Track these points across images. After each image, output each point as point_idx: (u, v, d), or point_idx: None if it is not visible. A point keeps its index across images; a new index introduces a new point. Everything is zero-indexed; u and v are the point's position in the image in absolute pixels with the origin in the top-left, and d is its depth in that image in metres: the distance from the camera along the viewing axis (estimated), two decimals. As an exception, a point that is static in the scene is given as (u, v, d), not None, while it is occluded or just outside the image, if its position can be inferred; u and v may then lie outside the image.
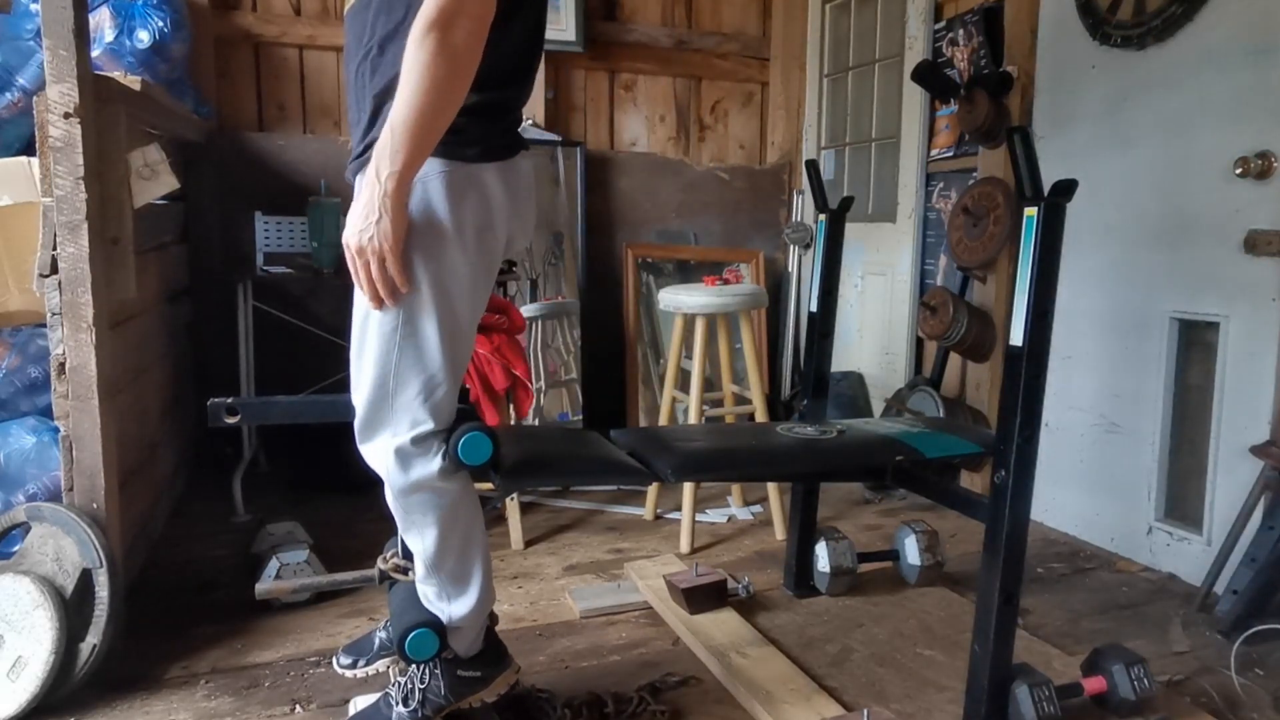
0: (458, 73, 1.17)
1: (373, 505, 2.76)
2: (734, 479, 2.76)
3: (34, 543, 1.73)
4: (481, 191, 1.30)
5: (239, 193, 3.19)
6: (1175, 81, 2.31)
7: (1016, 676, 1.55)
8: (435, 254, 1.27)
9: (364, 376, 1.31)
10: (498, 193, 1.32)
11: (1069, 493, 2.67)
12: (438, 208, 1.26)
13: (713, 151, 3.92)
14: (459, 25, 1.14)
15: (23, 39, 2.23)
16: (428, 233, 1.26)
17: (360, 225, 1.20)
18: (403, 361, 1.29)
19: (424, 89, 1.15)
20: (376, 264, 1.21)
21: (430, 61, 1.14)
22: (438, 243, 1.27)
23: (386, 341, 1.28)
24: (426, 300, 1.28)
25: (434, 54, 1.14)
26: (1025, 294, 1.47)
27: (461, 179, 1.27)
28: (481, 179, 1.30)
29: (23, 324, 2.00)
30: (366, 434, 1.33)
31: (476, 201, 1.29)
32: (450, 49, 1.14)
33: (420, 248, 1.26)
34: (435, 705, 1.43)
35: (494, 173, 1.31)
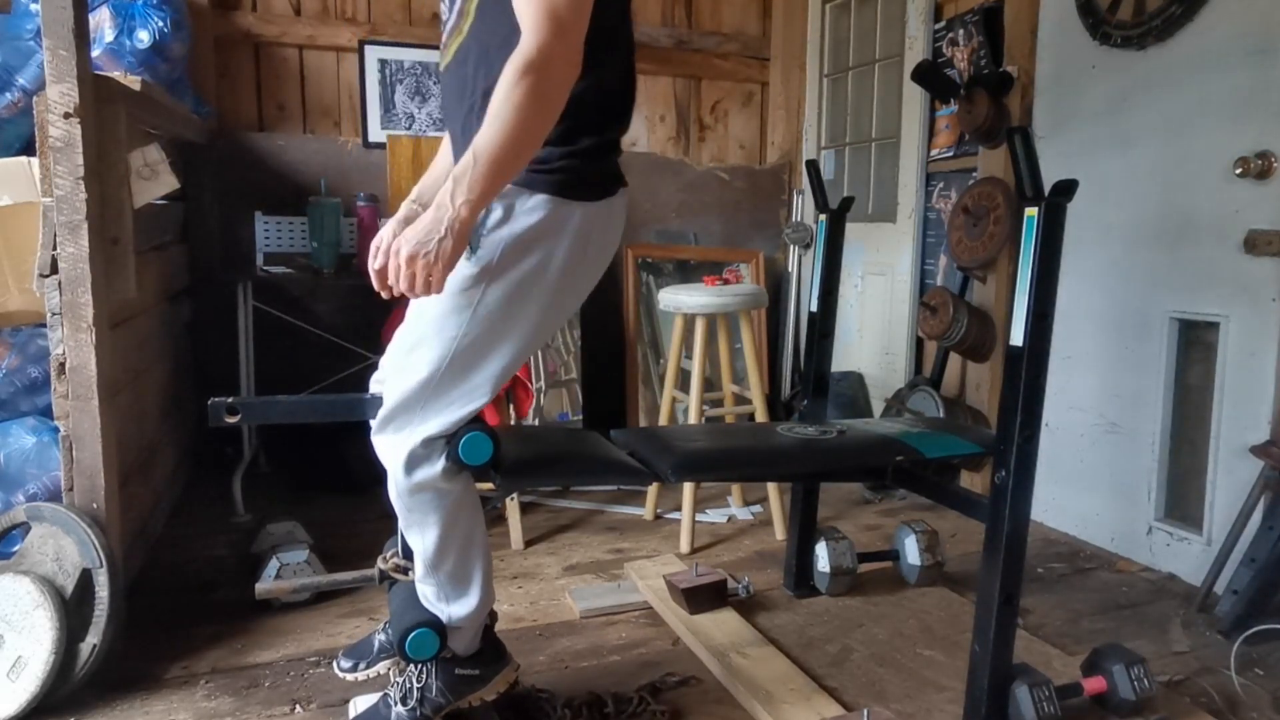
0: (545, 116, 1.21)
1: (373, 505, 2.77)
2: (734, 479, 2.76)
3: (34, 543, 1.73)
4: (583, 230, 1.35)
5: (239, 193, 3.19)
6: (1175, 81, 2.31)
7: (1016, 676, 1.55)
8: (522, 284, 1.32)
9: (410, 372, 1.32)
10: (595, 234, 1.38)
11: (1069, 493, 2.67)
12: (536, 242, 1.31)
13: (713, 151, 3.92)
14: (553, 71, 1.19)
15: (23, 39, 2.23)
16: (519, 261, 1.31)
17: (421, 238, 1.21)
18: (451, 371, 1.31)
19: (513, 128, 1.18)
20: (422, 277, 1.21)
21: (523, 103, 1.18)
22: (527, 274, 1.32)
23: (442, 347, 1.31)
24: (498, 324, 1.32)
25: (527, 95, 1.18)
26: (1025, 294, 1.47)
27: (564, 218, 1.33)
28: (584, 219, 1.35)
29: (23, 324, 2.00)
30: (387, 426, 1.33)
31: (575, 240, 1.34)
32: (542, 93, 1.19)
33: (508, 273, 1.30)
34: (434, 704, 1.43)
35: (595, 211, 1.37)
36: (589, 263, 1.40)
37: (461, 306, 1.30)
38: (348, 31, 3.36)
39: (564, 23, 1.19)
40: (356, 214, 3.05)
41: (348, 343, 3.15)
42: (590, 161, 1.35)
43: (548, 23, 1.18)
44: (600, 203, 1.37)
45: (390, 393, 1.34)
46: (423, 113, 3.44)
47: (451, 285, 1.30)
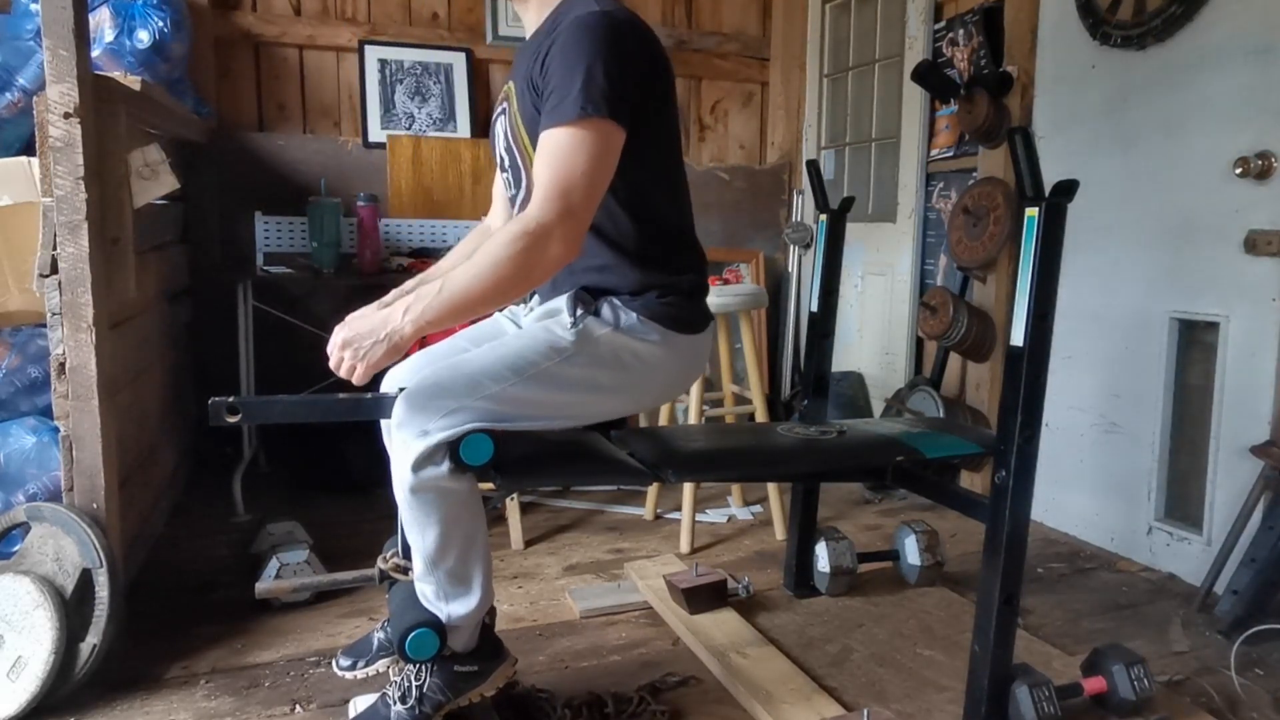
0: (522, 284, 1.28)
1: (373, 505, 2.77)
2: (734, 479, 2.76)
3: (34, 543, 1.73)
4: (674, 359, 1.48)
5: (239, 193, 3.19)
6: (1175, 81, 2.31)
7: (1016, 676, 1.55)
8: (598, 376, 1.41)
9: (456, 375, 1.33)
10: (684, 362, 1.51)
11: (1069, 493, 2.67)
12: (633, 353, 1.43)
13: (713, 151, 3.92)
14: (548, 247, 1.25)
15: (23, 39, 2.23)
16: (609, 357, 1.41)
17: (360, 332, 1.29)
18: (493, 400, 1.33)
19: (488, 282, 1.25)
20: (347, 365, 1.30)
21: (506, 265, 1.24)
22: (608, 371, 1.42)
23: (502, 378, 1.34)
24: (561, 399, 1.39)
25: (513, 260, 1.24)
26: (1026, 294, 1.47)
27: (664, 344, 1.45)
28: (680, 348, 1.47)
29: (23, 324, 2.00)
30: (406, 419, 1.31)
31: (665, 366, 1.47)
32: (529, 263, 1.25)
33: (594, 365, 1.40)
34: (434, 703, 1.43)
35: (689, 343, 1.49)
36: (662, 388, 1.53)
37: (541, 359, 1.36)
38: (348, 31, 3.37)
39: (573, 205, 1.25)
40: (356, 214, 3.05)
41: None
42: (687, 299, 1.48)
43: (558, 201, 1.25)
44: (693, 336, 1.49)
45: (423, 389, 1.32)
46: (423, 113, 3.44)
47: (543, 339, 1.38)
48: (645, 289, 1.44)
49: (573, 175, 1.26)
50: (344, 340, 1.30)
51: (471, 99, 3.48)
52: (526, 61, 1.43)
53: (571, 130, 1.27)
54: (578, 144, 1.27)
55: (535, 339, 1.39)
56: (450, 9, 3.50)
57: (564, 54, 1.32)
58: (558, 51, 1.33)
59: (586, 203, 1.28)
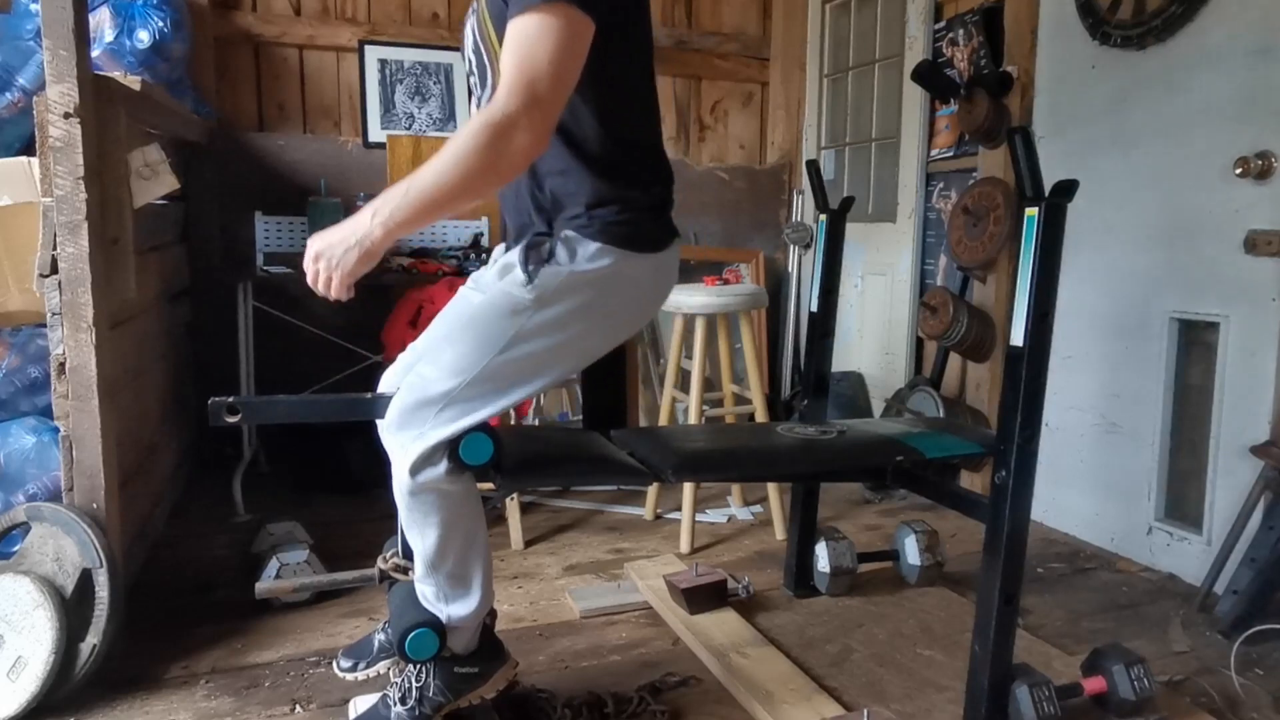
0: (489, 177, 1.23)
1: (373, 505, 2.77)
2: (734, 479, 2.76)
3: (34, 543, 1.73)
4: (638, 280, 1.42)
5: (239, 193, 3.19)
6: (1175, 81, 2.31)
7: (1016, 676, 1.55)
8: (567, 320, 1.36)
9: (436, 374, 1.33)
10: (650, 282, 1.45)
11: (1069, 493, 2.67)
12: (595, 285, 1.37)
13: (713, 151, 3.92)
14: (513, 138, 1.19)
15: (23, 39, 2.23)
16: (574, 296, 1.36)
17: (332, 242, 1.26)
18: (477, 383, 1.32)
19: (453, 176, 1.20)
20: (323, 277, 1.27)
21: (472, 157, 1.19)
22: (575, 310, 1.36)
23: (474, 358, 1.32)
24: (535, 351, 1.35)
25: (478, 152, 1.18)
26: (1026, 294, 1.47)
27: (624, 267, 1.39)
28: (641, 268, 1.41)
29: (23, 324, 2.00)
30: (400, 424, 1.32)
31: (629, 290, 1.42)
32: (494, 154, 1.19)
33: (561, 304, 1.35)
34: (434, 704, 1.43)
35: (652, 262, 1.43)
36: (635, 310, 1.48)
37: (506, 327, 1.33)
38: (348, 31, 3.37)
39: (539, 96, 1.20)
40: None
41: (348, 343, 3.15)
42: (649, 217, 1.42)
43: (523, 92, 1.19)
44: (656, 255, 1.43)
45: (411, 389, 1.33)
46: (422, 113, 3.44)
47: (502, 305, 1.35)
48: (605, 201, 1.37)
49: (539, 63, 1.20)
50: (316, 252, 1.27)
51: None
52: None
53: (538, 17, 1.21)
54: (545, 31, 1.20)
55: (497, 307, 1.35)
56: (450, 9, 3.50)
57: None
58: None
59: (553, 92, 1.21)
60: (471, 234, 3.40)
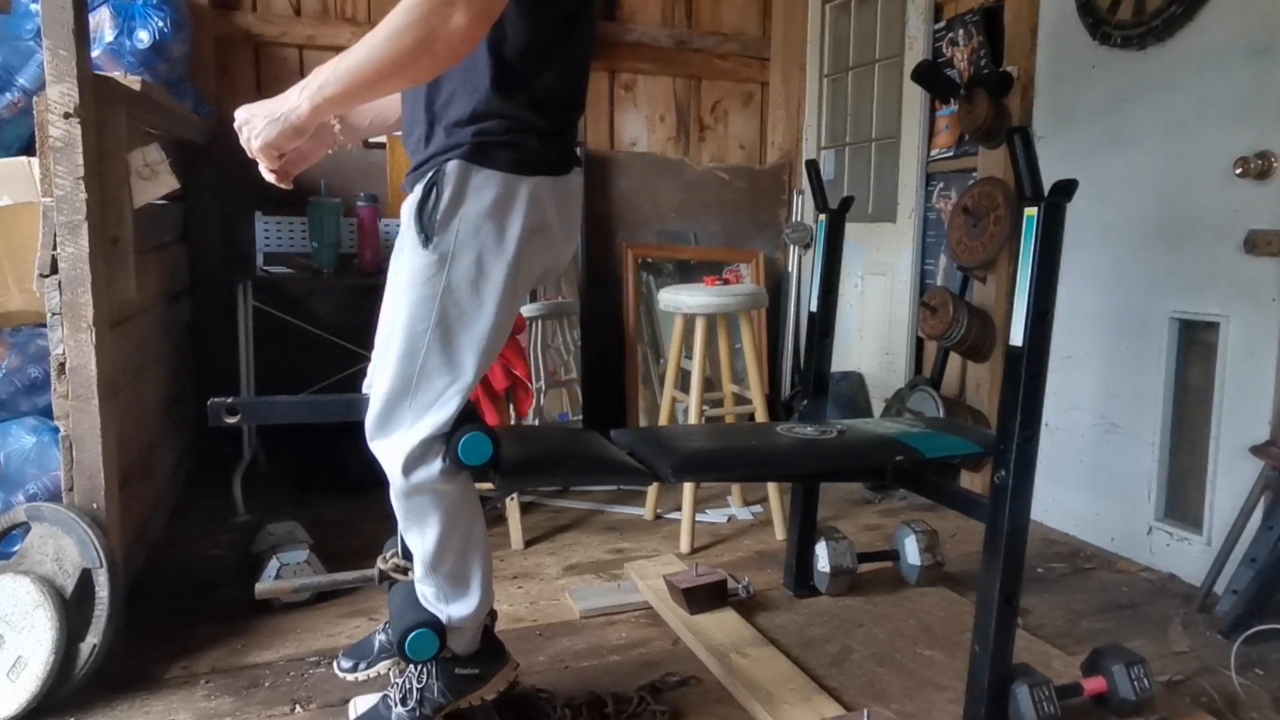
0: (422, 53, 1.14)
1: (373, 505, 2.77)
2: (734, 479, 2.76)
3: (34, 543, 1.73)
4: (535, 205, 1.33)
5: (239, 193, 3.18)
6: (1175, 81, 2.31)
7: (1016, 676, 1.55)
8: (479, 261, 1.30)
9: (387, 372, 1.31)
10: (549, 208, 1.35)
11: (1069, 493, 2.67)
12: (489, 218, 1.29)
13: (713, 151, 3.91)
14: (453, 13, 1.12)
15: (23, 39, 2.23)
16: (475, 239, 1.29)
17: (259, 113, 1.27)
18: (429, 362, 1.30)
19: (381, 57, 1.15)
20: (246, 146, 1.29)
21: (407, 27, 1.12)
22: (484, 251, 1.30)
23: (416, 340, 1.30)
24: (466, 306, 1.30)
25: (415, 23, 1.12)
26: (1025, 294, 1.47)
27: (516, 192, 1.31)
28: (536, 193, 1.33)
29: (23, 324, 2.00)
30: (379, 430, 1.32)
31: (528, 215, 1.32)
32: (430, 27, 1.12)
33: (466, 253, 1.29)
34: (434, 704, 1.43)
35: (547, 186, 1.34)
36: (546, 236, 1.37)
37: (427, 296, 1.29)
38: (348, 31, 3.36)
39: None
40: (356, 214, 3.05)
41: (348, 343, 3.15)
42: (540, 140, 1.32)
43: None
44: (552, 179, 1.35)
45: (375, 396, 1.33)
46: (423, 113, 3.43)
47: (415, 276, 1.30)
48: (492, 114, 1.28)
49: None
50: (241, 119, 1.28)
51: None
52: None
53: None
54: None
55: (412, 280, 1.30)
56: (450, 9, 3.50)
57: None
58: None
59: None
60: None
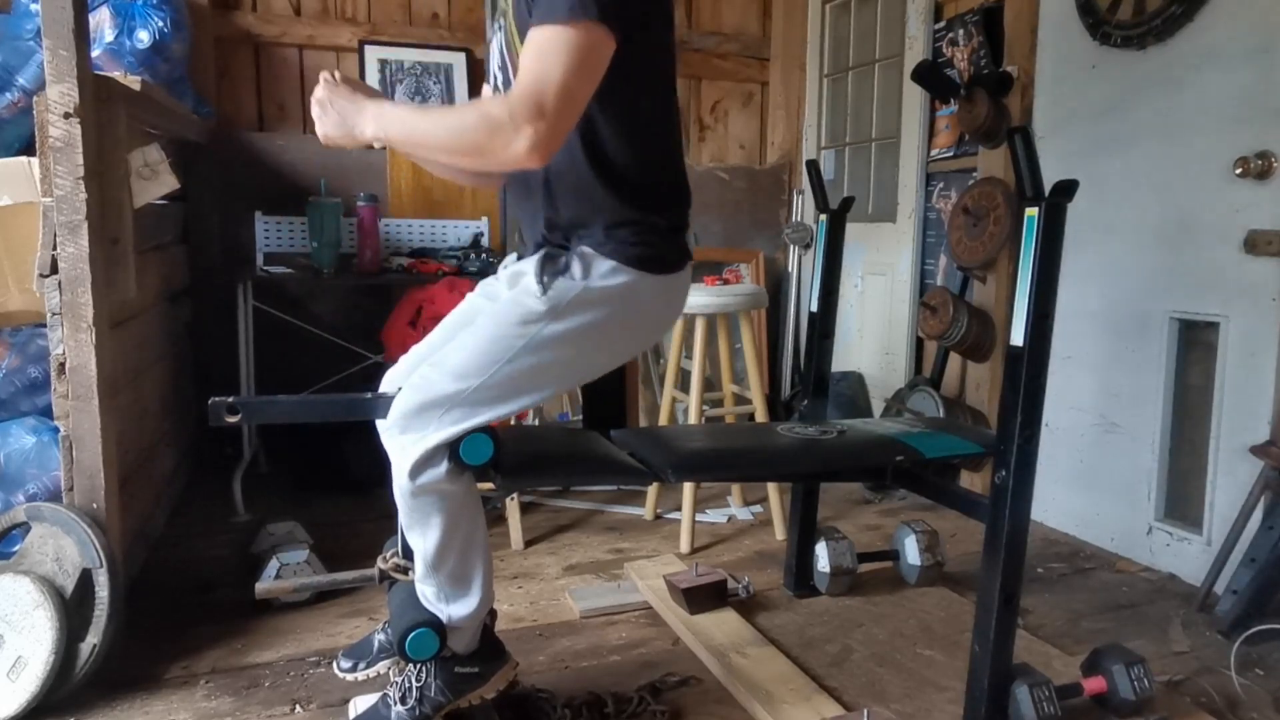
0: (475, 160, 1.26)
1: (373, 505, 2.77)
2: (734, 479, 2.76)
3: (34, 543, 1.73)
4: (650, 300, 1.43)
5: (239, 193, 3.19)
6: (1175, 81, 2.31)
7: (1016, 676, 1.55)
8: (579, 333, 1.36)
9: (437, 378, 1.33)
10: (662, 303, 1.46)
11: (1069, 493, 2.67)
12: (605, 302, 1.37)
13: (713, 151, 3.92)
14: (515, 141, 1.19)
15: (23, 39, 2.23)
16: (585, 312, 1.36)
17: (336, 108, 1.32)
18: (483, 392, 1.32)
19: (448, 138, 1.24)
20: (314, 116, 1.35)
21: (472, 132, 1.21)
22: (588, 324, 1.37)
23: (483, 367, 1.33)
24: (544, 362, 1.36)
25: (479, 135, 1.20)
26: (1026, 294, 1.47)
27: (638, 286, 1.39)
28: (654, 289, 1.42)
29: (23, 324, 2.00)
30: (402, 426, 1.32)
31: (641, 308, 1.42)
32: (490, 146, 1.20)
33: (570, 321, 1.35)
34: (434, 704, 1.43)
35: (665, 283, 1.43)
36: (644, 330, 1.49)
37: (517, 335, 1.34)
38: (348, 31, 3.36)
39: (545, 108, 1.18)
40: (356, 214, 3.05)
41: (348, 343, 3.15)
42: (664, 238, 1.42)
43: (530, 102, 1.18)
44: (669, 276, 1.43)
45: (415, 391, 1.33)
46: (423, 113, 3.43)
47: (513, 314, 1.35)
48: (623, 223, 1.37)
49: (551, 77, 1.19)
50: (319, 100, 1.34)
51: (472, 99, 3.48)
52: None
53: (560, 30, 1.19)
54: (561, 45, 1.19)
55: (508, 316, 1.35)
56: (450, 9, 3.50)
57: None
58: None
59: (560, 110, 1.20)
60: (471, 234, 3.40)
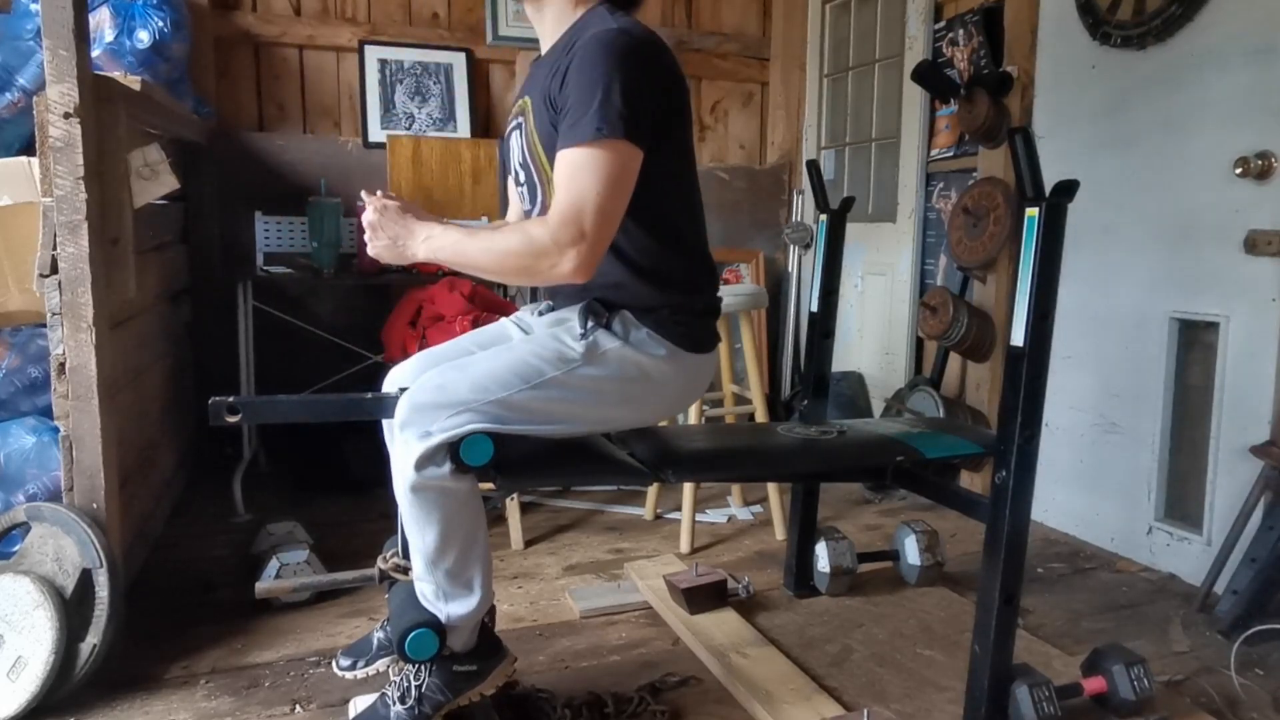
0: (523, 282, 1.46)
1: (373, 505, 2.77)
2: (734, 479, 2.76)
3: (34, 543, 1.73)
4: (677, 375, 1.49)
5: (239, 193, 3.19)
6: (1175, 81, 2.31)
7: (1016, 676, 1.55)
8: (607, 386, 1.43)
9: (457, 381, 1.35)
10: (687, 378, 1.52)
11: (1069, 493, 2.67)
12: (637, 365, 1.44)
13: (713, 151, 3.92)
14: (560, 264, 1.29)
15: (23, 39, 2.23)
16: (617, 366, 1.43)
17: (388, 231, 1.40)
18: (496, 407, 1.34)
19: (495, 263, 1.34)
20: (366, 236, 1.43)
21: (517, 258, 1.31)
22: (615, 382, 1.43)
23: (506, 383, 1.35)
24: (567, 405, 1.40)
25: (525, 262, 1.30)
26: (1026, 294, 1.47)
27: (670, 360, 1.46)
28: (683, 365, 1.49)
29: (23, 324, 2.00)
30: (410, 418, 1.32)
31: (668, 381, 1.48)
32: (535, 270, 1.31)
33: (604, 373, 1.42)
34: (433, 702, 1.43)
35: (695, 362, 1.51)
36: (666, 403, 1.54)
37: (546, 369, 1.37)
38: (348, 31, 3.37)
39: (585, 229, 1.28)
40: (357, 214, 3.04)
41: (348, 343, 3.15)
42: (699, 319, 1.51)
43: (571, 226, 1.27)
44: (699, 356, 1.51)
45: (428, 389, 1.34)
46: (423, 113, 3.44)
47: (550, 348, 1.40)
48: (658, 307, 1.45)
49: (586, 199, 1.28)
50: (370, 224, 1.41)
51: (471, 99, 3.48)
52: (544, 77, 1.43)
53: (589, 151, 1.28)
54: (593, 166, 1.28)
55: (544, 347, 1.40)
56: (450, 9, 3.50)
57: (581, 72, 1.32)
58: (575, 69, 1.33)
59: (599, 227, 1.29)
60: (471, 234, 3.39)
